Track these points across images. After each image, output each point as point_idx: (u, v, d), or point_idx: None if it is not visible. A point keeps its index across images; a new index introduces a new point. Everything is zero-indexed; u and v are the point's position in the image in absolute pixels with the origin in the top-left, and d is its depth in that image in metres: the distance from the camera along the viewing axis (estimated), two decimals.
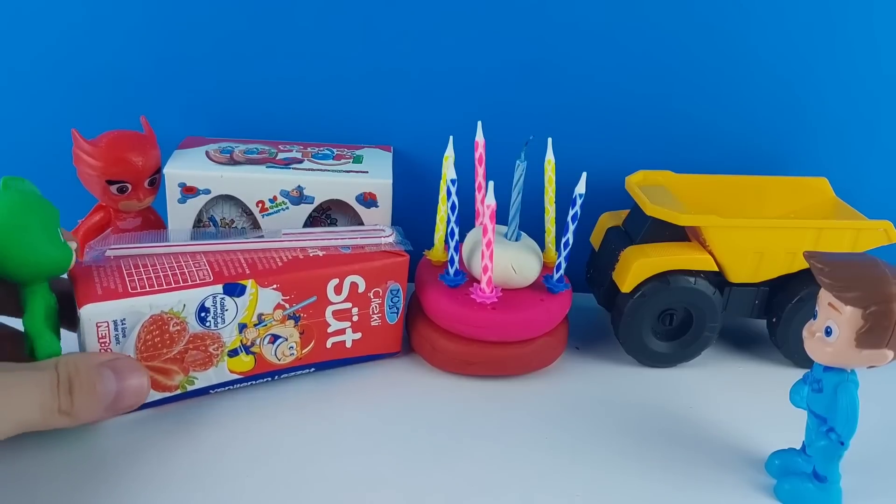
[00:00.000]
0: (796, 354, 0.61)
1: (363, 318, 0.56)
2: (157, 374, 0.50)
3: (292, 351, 0.54)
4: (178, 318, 0.49)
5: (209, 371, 0.52)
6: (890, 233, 0.59)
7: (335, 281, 0.53)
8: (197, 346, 0.51)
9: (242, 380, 0.54)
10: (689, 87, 0.67)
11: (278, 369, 0.55)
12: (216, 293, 0.50)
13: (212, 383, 0.53)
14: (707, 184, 0.65)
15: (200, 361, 0.52)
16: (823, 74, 0.66)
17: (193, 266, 0.51)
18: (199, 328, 0.50)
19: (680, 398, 0.58)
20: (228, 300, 0.50)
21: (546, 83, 0.66)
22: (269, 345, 0.53)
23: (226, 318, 0.51)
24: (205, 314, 0.50)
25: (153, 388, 0.50)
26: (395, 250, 0.56)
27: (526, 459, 0.50)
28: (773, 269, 0.60)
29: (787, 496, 0.48)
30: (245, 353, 0.53)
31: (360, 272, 0.54)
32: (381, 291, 0.56)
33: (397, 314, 0.57)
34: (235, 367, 0.53)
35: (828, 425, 0.45)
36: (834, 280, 0.43)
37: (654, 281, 0.58)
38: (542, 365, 0.59)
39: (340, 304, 0.54)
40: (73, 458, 0.47)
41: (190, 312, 0.50)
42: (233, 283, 0.50)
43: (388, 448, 0.50)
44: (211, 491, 0.45)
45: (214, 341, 0.51)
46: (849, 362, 0.44)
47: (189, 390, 0.52)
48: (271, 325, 0.53)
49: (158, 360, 0.50)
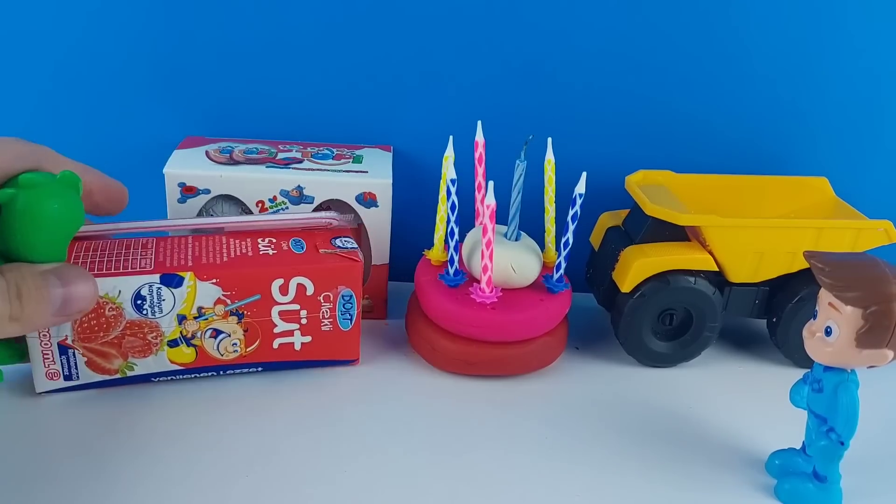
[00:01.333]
0: (796, 354, 0.61)
1: (312, 321, 0.55)
2: (95, 356, 0.51)
3: (235, 348, 0.54)
4: (113, 303, 0.50)
5: (148, 359, 0.53)
6: (890, 232, 0.59)
7: (280, 281, 0.53)
8: (134, 332, 0.51)
9: (184, 371, 0.54)
10: (689, 87, 0.67)
11: (222, 364, 0.54)
12: (153, 282, 0.50)
13: (151, 371, 0.53)
14: (707, 184, 0.65)
15: (139, 348, 0.52)
16: (823, 74, 0.66)
17: (139, 254, 0.52)
18: (136, 315, 0.51)
19: (680, 398, 0.58)
20: (165, 290, 0.51)
21: (546, 83, 0.66)
22: (210, 339, 0.53)
23: (163, 308, 0.51)
24: (141, 302, 0.51)
25: (93, 370, 0.52)
26: (348, 253, 0.55)
27: (526, 459, 0.50)
28: (774, 268, 0.60)
29: (788, 496, 0.48)
30: (186, 345, 0.53)
31: (307, 273, 0.53)
32: (331, 296, 0.54)
33: (351, 321, 0.56)
34: (176, 357, 0.53)
35: (828, 425, 0.45)
36: (834, 280, 0.43)
37: (654, 281, 0.58)
38: (541, 365, 0.59)
39: (287, 305, 0.54)
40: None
41: (126, 299, 0.50)
42: (171, 275, 0.51)
43: (387, 448, 0.50)
44: (211, 488, 0.46)
45: (153, 330, 0.52)
46: (849, 362, 0.44)
47: (129, 375, 0.53)
48: (212, 319, 0.52)
49: (96, 342, 0.51)
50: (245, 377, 0.56)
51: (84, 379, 0.52)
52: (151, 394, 0.53)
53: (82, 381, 0.52)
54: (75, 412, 0.51)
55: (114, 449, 0.48)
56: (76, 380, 0.52)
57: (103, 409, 0.52)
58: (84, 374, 0.52)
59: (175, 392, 0.54)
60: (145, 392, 0.53)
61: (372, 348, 0.61)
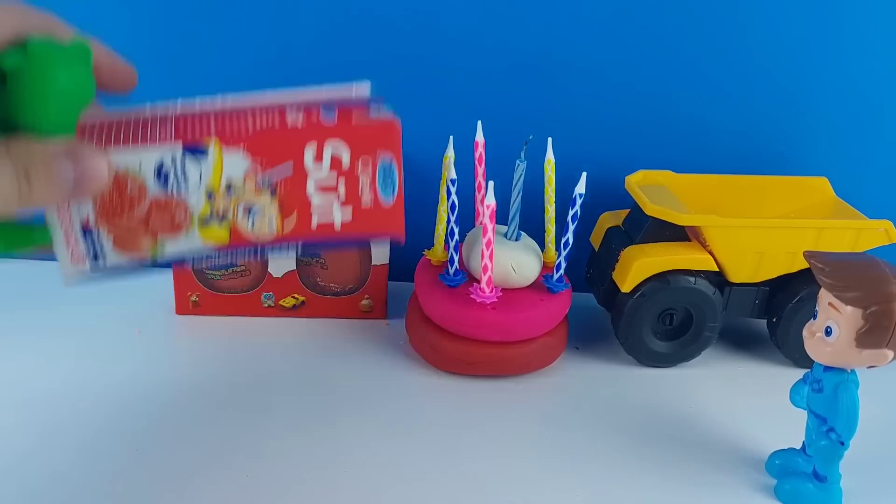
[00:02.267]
0: (796, 354, 0.61)
1: (351, 193, 0.50)
2: (122, 234, 0.48)
3: (271, 225, 0.50)
4: (136, 178, 0.47)
5: (179, 238, 0.49)
6: (890, 232, 0.59)
7: (312, 146, 0.48)
8: (161, 211, 0.48)
9: (219, 252, 0.49)
10: (688, 87, 0.67)
11: (258, 244, 0.50)
12: (175, 153, 0.47)
13: (183, 251, 0.49)
14: (707, 183, 0.65)
15: (168, 227, 0.49)
16: (823, 74, 0.66)
17: (159, 125, 0.48)
18: (161, 191, 0.47)
19: (680, 398, 0.58)
20: (190, 162, 0.47)
21: (546, 83, 0.66)
22: (243, 217, 0.49)
23: (189, 182, 0.47)
24: (164, 176, 0.47)
25: (121, 249, 0.48)
26: (384, 117, 0.50)
27: (526, 458, 0.50)
28: (774, 268, 0.60)
29: (788, 496, 0.48)
30: (218, 223, 0.49)
31: (341, 136, 0.49)
32: (369, 163, 0.50)
33: (393, 192, 0.51)
34: (208, 235, 0.49)
35: (828, 425, 0.45)
36: (834, 280, 0.43)
37: (655, 281, 0.58)
38: (542, 365, 0.59)
39: (322, 175, 0.49)
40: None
41: (148, 173, 0.47)
42: (194, 144, 0.47)
43: (388, 447, 0.50)
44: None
45: (180, 207, 0.48)
46: (849, 362, 0.44)
47: (163, 258, 0.48)
48: (243, 194, 0.49)
49: (121, 223, 0.48)
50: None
51: (112, 262, 0.48)
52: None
53: (110, 263, 0.48)
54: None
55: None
56: (103, 263, 0.48)
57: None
58: (111, 257, 0.48)
59: (177, 390, 0.54)
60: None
61: (372, 348, 0.61)
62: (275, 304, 0.64)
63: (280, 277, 0.63)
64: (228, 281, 0.64)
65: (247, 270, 0.64)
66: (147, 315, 0.63)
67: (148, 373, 0.56)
